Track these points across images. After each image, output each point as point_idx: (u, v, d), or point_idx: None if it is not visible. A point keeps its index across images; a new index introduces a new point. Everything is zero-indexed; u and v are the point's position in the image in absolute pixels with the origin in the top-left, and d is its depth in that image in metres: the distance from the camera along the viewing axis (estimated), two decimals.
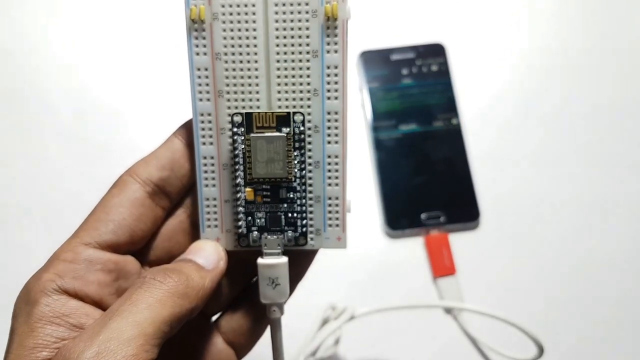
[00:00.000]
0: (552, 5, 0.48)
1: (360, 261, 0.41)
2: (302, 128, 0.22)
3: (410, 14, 0.48)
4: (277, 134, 0.22)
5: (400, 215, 0.43)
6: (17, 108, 0.45)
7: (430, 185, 0.43)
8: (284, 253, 0.24)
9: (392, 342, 0.40)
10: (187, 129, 0.24)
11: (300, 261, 0.25)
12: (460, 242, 0.42)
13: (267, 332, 0.26)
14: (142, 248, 0.24)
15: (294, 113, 0.22)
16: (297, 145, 0.22)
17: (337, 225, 0.24)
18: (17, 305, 0.21)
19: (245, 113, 0.22)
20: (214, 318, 0.26)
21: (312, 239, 0.24)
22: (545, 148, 0.44)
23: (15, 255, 0.41)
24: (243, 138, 0.22)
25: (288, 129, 0.22)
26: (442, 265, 0.41)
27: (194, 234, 0.24)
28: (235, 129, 0.22)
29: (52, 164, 0.44)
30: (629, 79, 0.46)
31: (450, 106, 0.45)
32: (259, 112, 0.22)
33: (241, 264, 0.25)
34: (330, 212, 0.24)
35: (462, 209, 0.43)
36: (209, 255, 0.23)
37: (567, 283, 0.41)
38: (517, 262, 0.41)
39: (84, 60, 0.46)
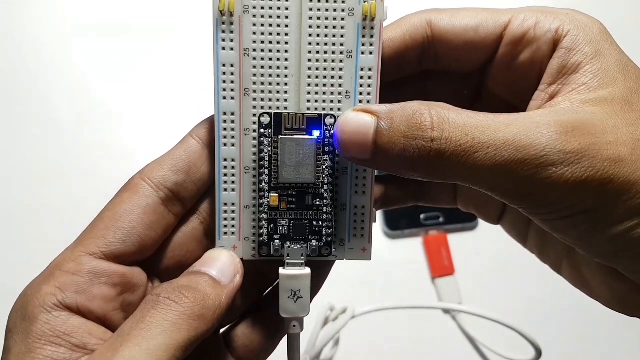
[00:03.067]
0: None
1: (359, 262, 0.39)
2: (332, 131, 0.20)
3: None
4: (308, 136, 0.20)
5: (400, 215, 0.41)
6: (20, 110, 0.41)
7: None
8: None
9: (391, 342, 0.38)
10: (204, 128, 0.21)
11: (317, 272, 0.22)
12: (459, 242, 0.40)
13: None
14: (150, 257, 0.21)
15: (326, 115, 0.20)
16: (327, 149, 0.20)
17: (362, 236, 0.22)
18: (13, 321, 0.18)
19: (274, 113, 0.20)
20: (222, 330, 0.23)
21: (335, 249, 0.22)
22: None
23: (17, 257, 0.38)
24: (270, 140, 0.20)
25: (319, 132, 0.20)
26: (441, 265, 0.40)
27: (207, 242, 0.22)
28: (262, 130, 0.20)
29: (56, 164, 0.40)
30: None
31: None
32: (288, 113, 0.20)
33: (255, 275, 0.22)
34: (355, 221, 0.22)
35: (461, 210, 0.41)
36: (224, 267, 0.20)
37: (566, 283, 0.40)
38: (515, 262, 0.40)
39: (90, 54, 0.43)
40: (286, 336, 0.22)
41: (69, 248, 0.19)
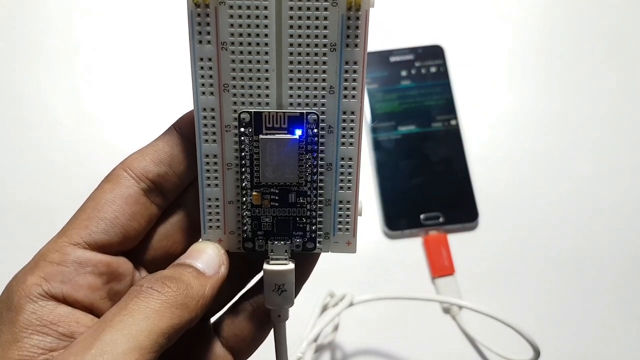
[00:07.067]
0: (550, 7, 0.45)
1: (359, 262, 0.38)
2: (315, 130, 0.18)
3: (409, 16, 0.44)
4: (289, 136, 0.18)
5: (399, 215, 0.39)
6: (16, 108, 0.41)
7: (429, 186, 0.40)
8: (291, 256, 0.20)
9: (389, 335, 0.37)
10: (187, 121, 0.20)
11: (304, 262, 0.21)
12: (459, 242, 0.39)
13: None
14: (136, 248, 0.20)
15: (308, 113, 0.18)
16: (309, 148, 0.19)
17: (347, 230, 0.21)
18: None
19: (254, 112, 0.18)
20: (212, 319, 0.23)
21: (320, 242, 0.20)
22: (543, 149, 0.42)
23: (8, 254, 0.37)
24: (250, 139, 0.19)
25: (301, 131, 0.18)
26: (441, 265, 0.38)
27: (194, 233, 0.21)
28: (242, 129, 0.18)
29: (42, 158, 0.40)
30: (629, 80, 0.43)
31: (448, 107, 0.42)
32: (269, 112, 0.18)
33: (242, 263, 0.22)
34: (340, 215, 0.20)
35: (461, 210, 0.40)
36: (209, 259, 0.19)
37: (566, 283, 0.38)
38: (515, 262, 0.38)
39: (81, 52, 0.42)
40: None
41: (53, 239, 0.19)
